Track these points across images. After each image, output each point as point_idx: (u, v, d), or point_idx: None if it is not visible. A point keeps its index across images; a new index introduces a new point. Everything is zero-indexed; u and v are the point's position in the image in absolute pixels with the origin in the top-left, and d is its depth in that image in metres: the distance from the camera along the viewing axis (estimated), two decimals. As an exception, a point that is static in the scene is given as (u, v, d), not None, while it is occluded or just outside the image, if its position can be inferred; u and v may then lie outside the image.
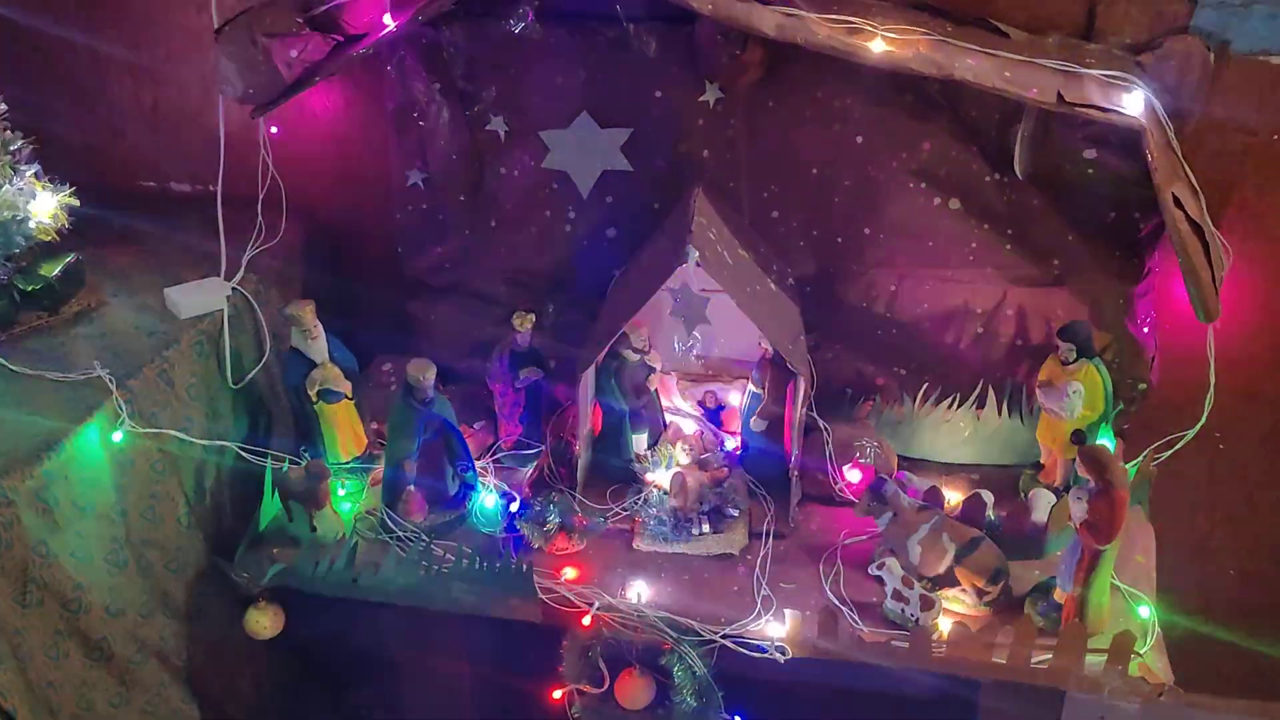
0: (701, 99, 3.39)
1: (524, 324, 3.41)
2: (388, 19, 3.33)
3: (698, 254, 2.88)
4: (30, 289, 3.24)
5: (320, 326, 3.36)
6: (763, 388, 3.24)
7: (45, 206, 3.19)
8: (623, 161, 3.49)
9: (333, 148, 3.80)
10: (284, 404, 3.53)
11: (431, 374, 3.20)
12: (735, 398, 3.46)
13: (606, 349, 3.22)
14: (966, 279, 3.25)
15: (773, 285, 3.27)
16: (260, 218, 3.64)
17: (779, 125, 3.36)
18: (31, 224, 3.18)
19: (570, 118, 3.49)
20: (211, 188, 3.52)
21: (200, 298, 3.37)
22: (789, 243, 3.50)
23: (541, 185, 3.60)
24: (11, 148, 3.15)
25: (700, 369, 3.58)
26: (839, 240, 3.34)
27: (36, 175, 3.20)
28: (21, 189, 3.16)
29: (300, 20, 3.35)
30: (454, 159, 3.64)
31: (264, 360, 3.53)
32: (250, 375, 3.46)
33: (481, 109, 3.57)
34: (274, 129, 3.63)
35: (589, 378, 3.28)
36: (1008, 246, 3.22)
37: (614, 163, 3.50)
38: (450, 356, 3.71)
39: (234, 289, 3.45)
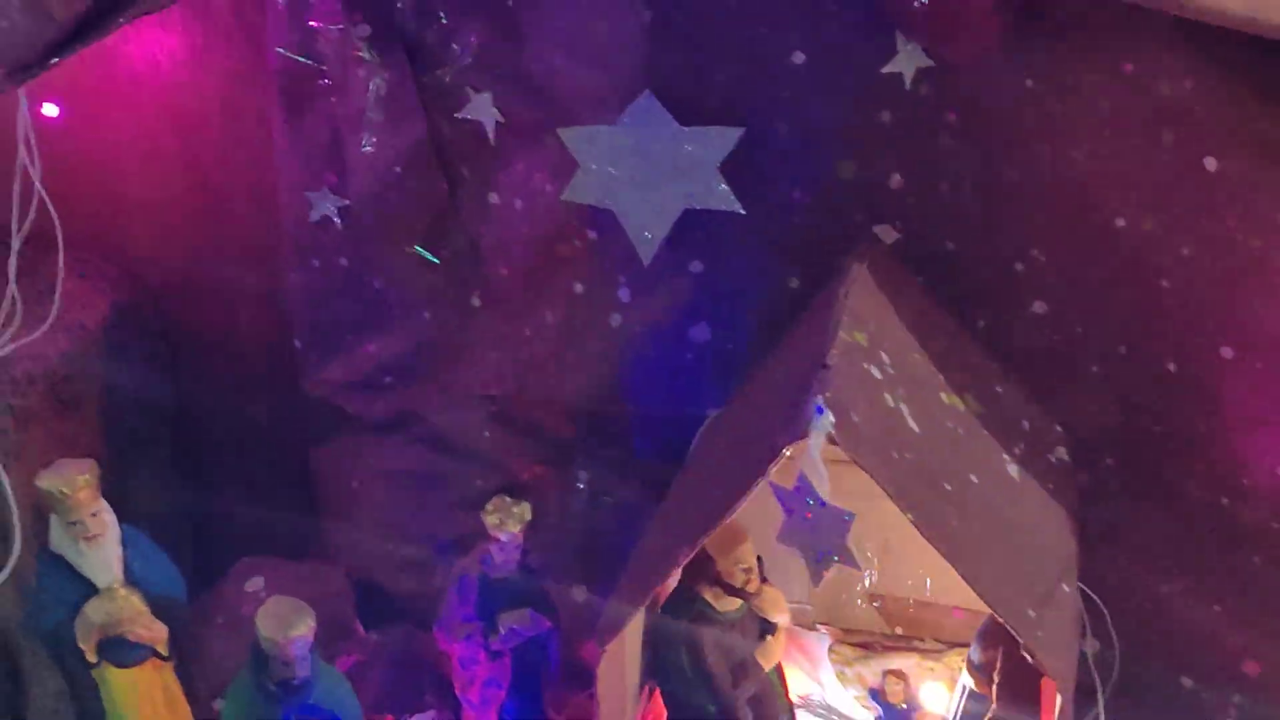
0: (887, 70, 3.24)
1: (507, 523, 3.32)
2: None
3: (832, 419, 2.70)
4: None
5: (104, 514, 3.32)
6: (988, 681, 3.14)
7: None
8: (723, 192, 3.37)
9: (170, 145, 3.80)
10: (42, 656, 3.52)
11: (304, 630, 3.11)
12: (938, 693, 3.34)
13: (671, 580, 3.16)
14: None
15: (1011, 467, 3.08)
16: (13, 281, 3.59)
17: (1044, 127, 3.22)
18: None
19: (621, 100, 3.39)
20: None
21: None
22: (1059, 367, 3.34)
23: (564, 233, 3.53)
24: None
25: (875, 622, 3.47)
26: (1169, 367, 3.26)
27: None
28: None
29: None
30: (396, 173, 3.60)
31: (10, 565, 3.46)
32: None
33: (449, 76, 3.53)
34: (50, 109, 3.61)
35: (634, 639, 3.18)
36: None
37: (705, 195, 3.39)
38: (378, 567, 3.76)
39: None
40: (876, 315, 3.09)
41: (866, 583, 3.51)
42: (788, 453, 2.81)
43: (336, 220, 3.73)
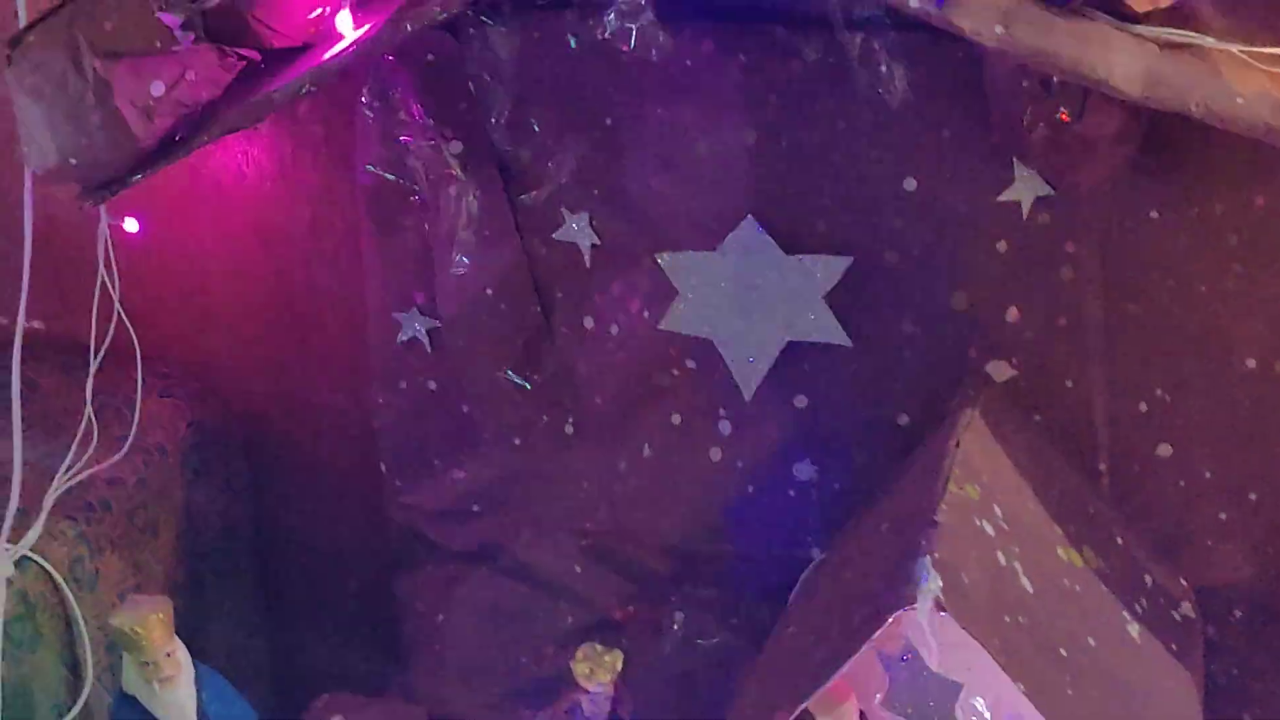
0: (1003, 198, 3.23)
1: (598, 673, 3.31)
2: (345, 21, 3.32)
3: (940, 583, 2.66)
4: None
5: (181, 653, 3.34)
6: None
7: None
8: (831, 324, 3.37)
9: (255, 260, 3.87)
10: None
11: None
12: None
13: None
14: None
15: (1132, 626, 3.05)
16: (90, 400, 3.67)
17: (1170, 260, 3.22)
18: None
19: (723, 226, 3.40)
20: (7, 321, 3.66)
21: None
22: (1185, 515, 3.32)
23: (662, 362, 3.54)
24: None
25: None
26: None
27: None
28: None
29: (173, 21, 3.34)
30: (488, 294, 3.60)
31: (80, 702, 3.56)
32: (52, 732, 3.44)
33: (544, 196, 3.54)
34: (130, 224, 3.66)
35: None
36: None
37: (810, 326, 3.39)
38: (462, 708, 3.77)
39: (26, 557, 3.49)
40: (990, 465, 3.08)
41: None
42: (896, 618, 2.77)
43: (425, 342, 3.74)
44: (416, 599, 3.87)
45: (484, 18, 3.41)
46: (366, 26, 3.29)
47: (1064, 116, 3.04)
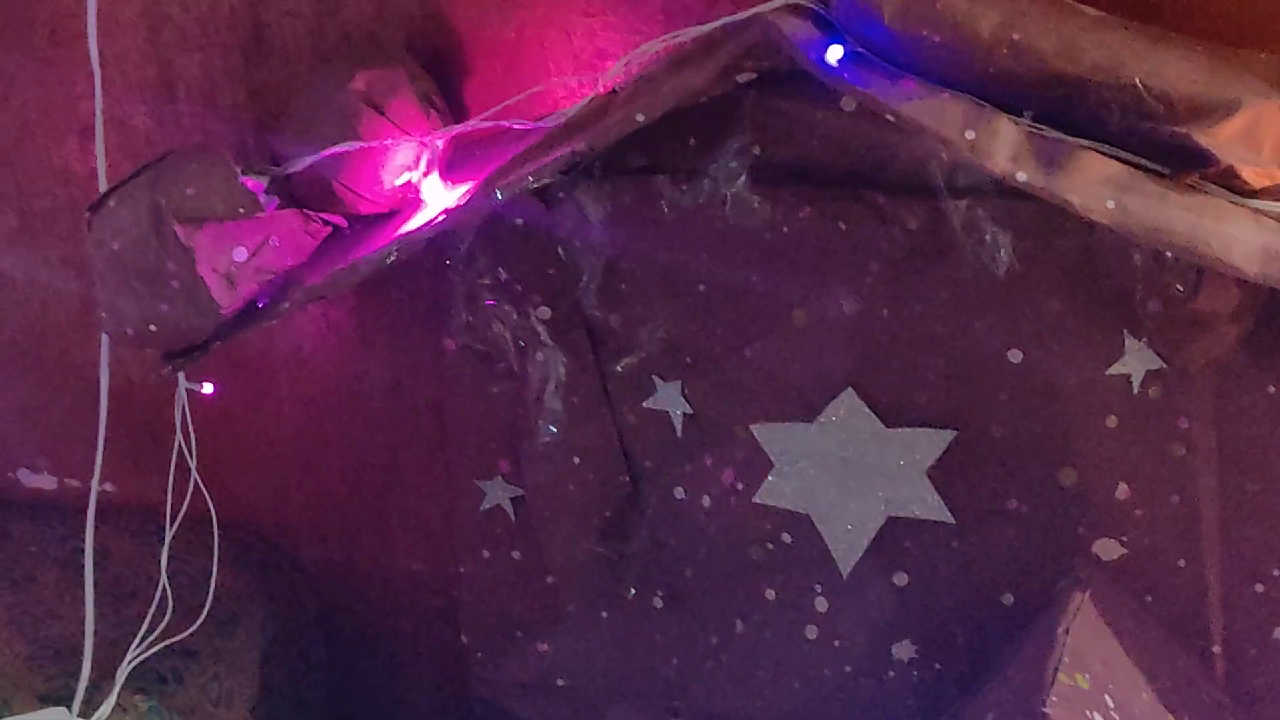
0: (1113, 371, 3.24)
1: None
2: (437, 189, 3.40)
3: None
4: None
5: None
6: None
7: None
8: (933, 500, 3.38)
9: (335, 425, 3.93)
10: None
11: None
12: None
13: None
14: None
15: None
16: (165, 567, 3.70)
17: None
18: None
19: (821, 397, 3.43)
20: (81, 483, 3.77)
21: (16, 761, 3.48)
22: None
23: (756, 536, 3.56)
24: None
25: None
26: None
27: None
28: None
29: (256, 185, 3.41)
30: (575, 463, 3.64)
31: None
32: None
33: (635, 363, 3.58)
34: (206, 387, 3.70)
35: None
36: None
37: (912, 501, 3.40)
38: None
39: None
40: (1100, 652, 3.07)
41: None
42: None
43: (509, 510, 3.79)
44: (497, 782, 3.82)
45: (575, 182, 3.47)
46: (455, 193, 3.39)
47: (1178, 288, 3.10)
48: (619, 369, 3.61)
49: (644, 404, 3.59)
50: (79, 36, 3.74)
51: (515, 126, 3.43)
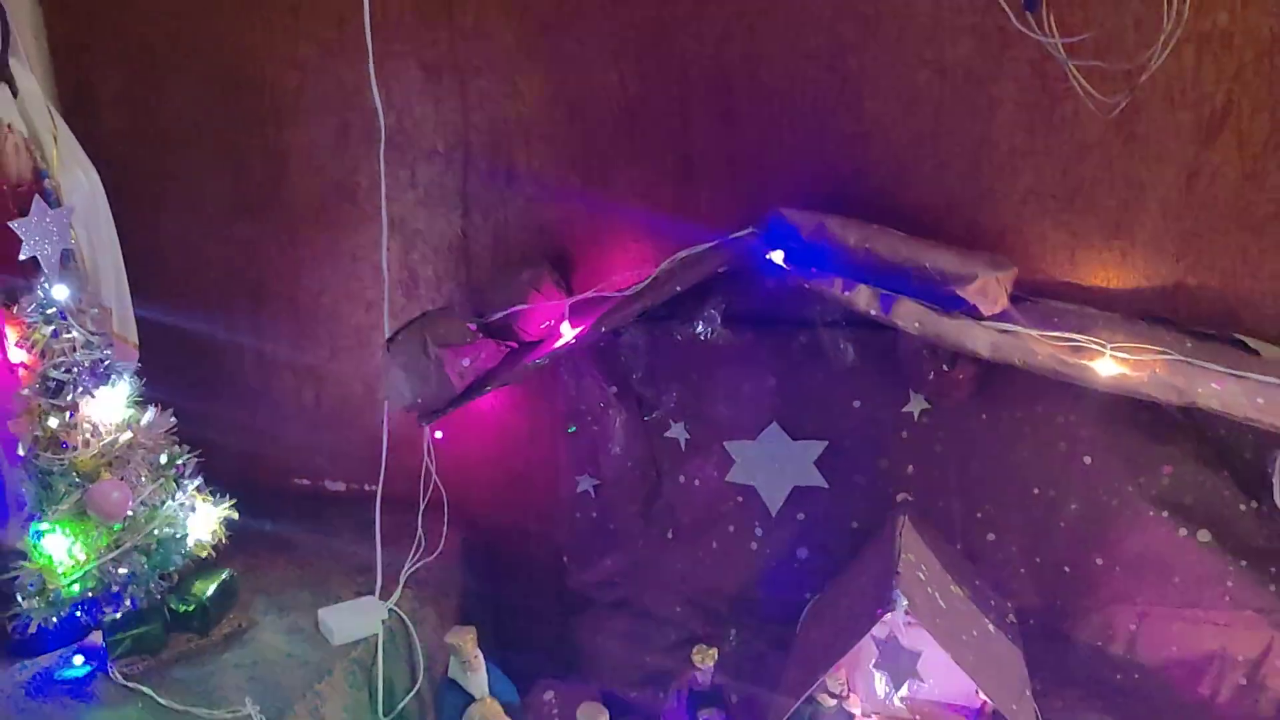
0: (905, 410, 3.48)
1: (705, 660, 3.40)
2: (566, 329, 3.59)
3: (907, 602, 2.88)
4: (183, 609, 3.41)
5: (480, 656, 3.41)
6: (984, 750, 3.16)
7: (205, 522, 3.45)
8: (817, 477, 3.58)
9: (498, 451, 4.01)
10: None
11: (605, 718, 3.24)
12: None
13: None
14: (1223, 621, 3.18)
15: (990, 627, 3.21)
16: (420, 529, 3.81)
17: (994, 441, 3.40)
18: (190, 542, 3.43)
19: (759, 428, 3.61)
20: (369, 487, 3.70)
21: (355, 622, 3.46)
22: (1007, 572, 3.39)
23: (725, 499, 3.70)
24: (178, 461, 3.42)
25: (906, 716, 3.46)
26: (1066, 570, 3.30)
27: (199, 489, 3.47)
28: (183, 503, 3.42)
29: (473, 328, 3.60)
30: (629, 466, 3.79)
31: (416, 687, 3.57)
32: (402, 704, 3.50)
33: (661, 415, 3.74)
34: (438, 433, 3.84)
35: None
36: (1272, 587, 3.14)
37: (807, 478, 3.59)
38: (617, 684, 3.78)
39: (390, 609, 3.56)
40: (914, 547, 3.21)
41: (904, 690, 3.41)
42: (884, 616, 2.92)
43: (591, 491, 3.86)
44: (585, 630, 3.89)
45: (633, 323, 3.60)
46: (573, 332, 3.55)
47: (943, 366, 3.28)
48: (652, 417, 3.75)
49: (664, 434, 3.74)
50: (370, 256, 3.95)
51: (605, 296, 3.61)
